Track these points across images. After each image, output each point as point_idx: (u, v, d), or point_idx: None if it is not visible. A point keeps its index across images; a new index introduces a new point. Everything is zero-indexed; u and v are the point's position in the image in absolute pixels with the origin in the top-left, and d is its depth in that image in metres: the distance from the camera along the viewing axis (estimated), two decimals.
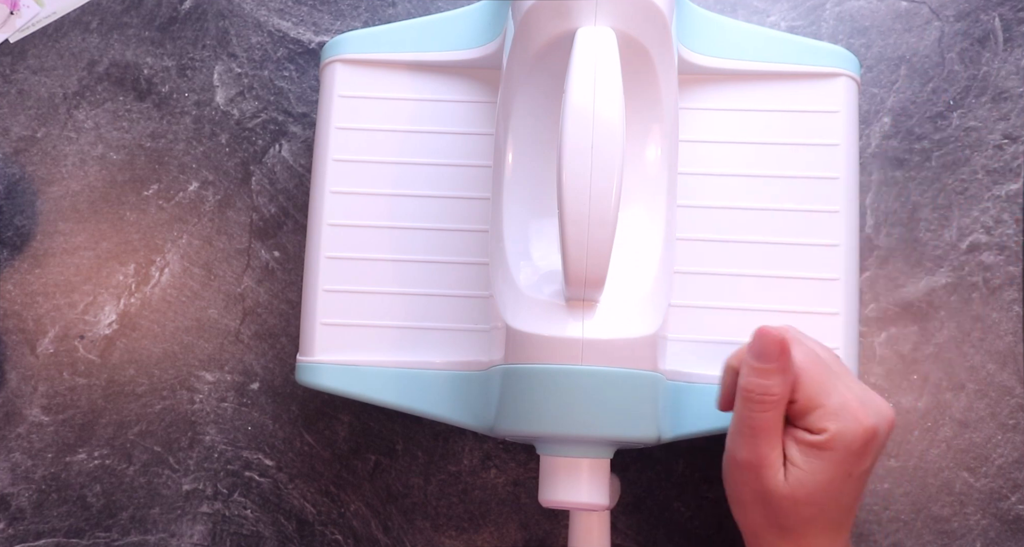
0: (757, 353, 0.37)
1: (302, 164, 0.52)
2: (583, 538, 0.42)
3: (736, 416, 0.38)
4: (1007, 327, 0.49)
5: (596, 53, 0.37)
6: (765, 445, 0.37)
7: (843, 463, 0.36)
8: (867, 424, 0.36)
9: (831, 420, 0.36)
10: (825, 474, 0.36)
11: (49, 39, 0.53)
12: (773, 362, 0.37)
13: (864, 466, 0.37)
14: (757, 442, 0.37)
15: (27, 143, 0.52)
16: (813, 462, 0.36)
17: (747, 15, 0.52)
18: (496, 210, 0.42)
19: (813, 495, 0.37)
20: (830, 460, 0.36)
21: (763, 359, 0.37)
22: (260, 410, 0.49)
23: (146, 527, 0.49)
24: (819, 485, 0.36)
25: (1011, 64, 0.51)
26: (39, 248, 0.51)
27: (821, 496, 0.37)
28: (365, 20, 0.53)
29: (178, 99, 0.52)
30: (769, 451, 0.37)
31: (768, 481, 0.37)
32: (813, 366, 0.37)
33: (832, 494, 0.37)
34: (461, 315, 0.44)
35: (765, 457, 0.37)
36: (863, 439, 0.36)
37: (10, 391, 0.50)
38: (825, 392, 0.37)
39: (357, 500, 0.49)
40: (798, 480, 0.37)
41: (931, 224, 0.50)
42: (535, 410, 0.38)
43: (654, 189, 0.41)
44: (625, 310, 0.39)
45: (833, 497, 0.37)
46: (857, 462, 0.37)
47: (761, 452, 0.37)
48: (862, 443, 0.36)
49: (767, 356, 0.37)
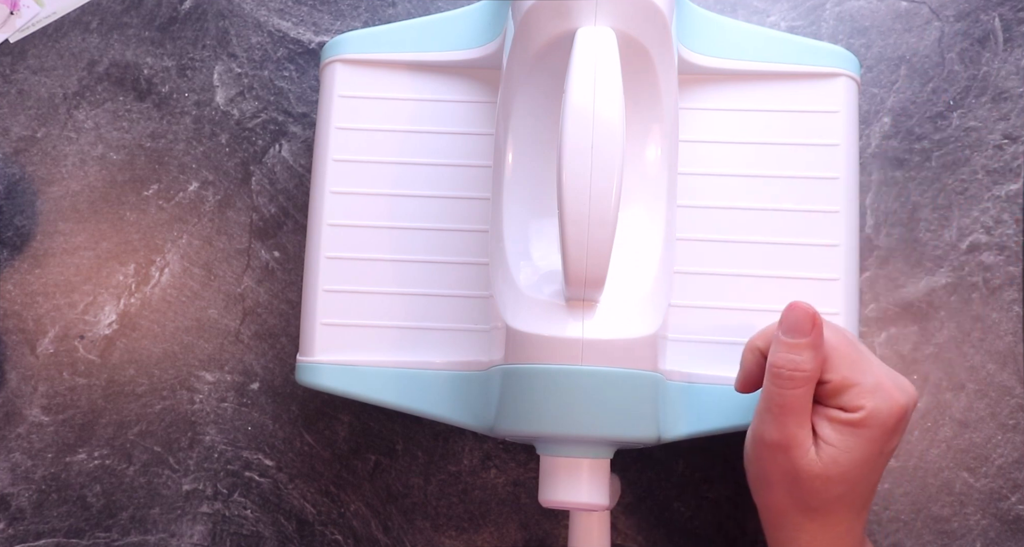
0: (789, 327, 0.37)
1: (302, 164, 0.52)
2: (583, 538, 0.42)
3: (764, 396, 0.38)
4: (1007, 327, 0.49)
5: (596, 53, 0.37)
6: (795, 425, 0.37)
7: (877, 441, 0.37)
8: (901, 402, 0.37)
9: (867, 398, 0.36)
10: (860, 451, 0.37)
11: (49, 39, 0.53)
12: (805, 336, 0.37)
13: (894, 443, 0.38)
14: (787, 421, 0.37)
15: (27, 143, 0.52)
16: (848, 440, 0.37)
17: (747, 15, 0.52)
18: (496, 210, 0.42)
19: (846, 473, 0.37)
20: (866, 438, 0.36)
21: (795, 333, 0.37)
22: (260, 410, 0.49)
23: (146, 527, 0.49)
24: (853, 463, 0.37)
25: (1011, 64, 0.51)
26: (39, 248, 0.51)
27: (854, 474, 0.37)
28: (365, 20, 0.53)
29: (178, 99, 0.52)
30: (798, 430, 0.37)
31: (799, 460, 0.37)
32: (845, 345, 0.37)
33: (865, 472, 0.37)
34: (461, 315, 0.44)
35: (794, 436, 0.37)
36: (898, 416, 0.37)
37: (10, 391, 0.50)
38: (860, 370, 0.37)
39: (357, 500, 0.49)
40: (832, 458, 0.37)
41: (931, 224, 0.50)
42: (535, 410, 0.38)
43: (654, 189, 0.41)
44: (625, 310, 0.39)
45: (865, 475, 0.37)
46: (889, 440, 0.37)
47: (790, 432, 0.37)
48: (896, 420, 0.37)
49: (800, 330, 0.37)
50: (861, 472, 0.37)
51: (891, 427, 0.37)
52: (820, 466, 0.37)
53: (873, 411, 0.36)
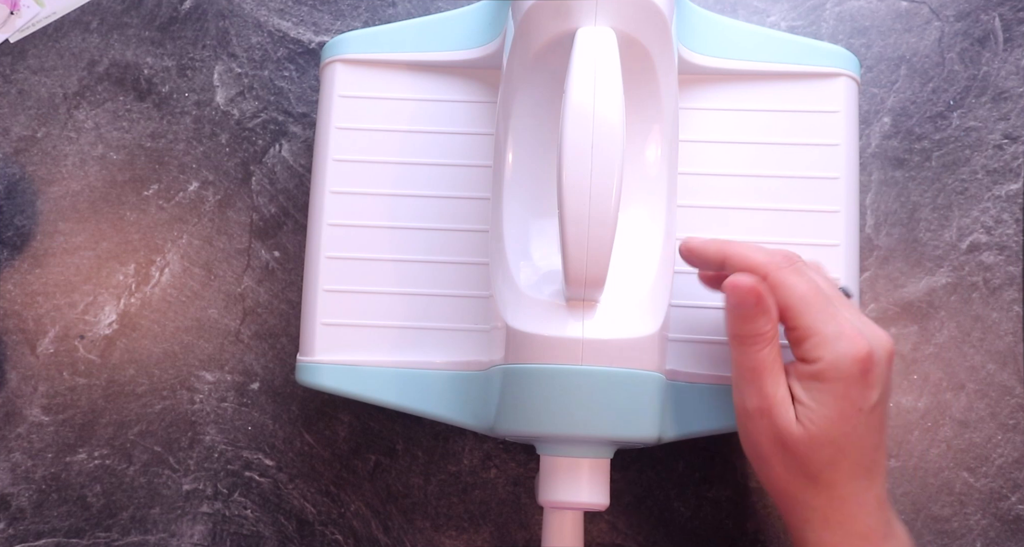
0: (734, 308, 0.37)
1: (302, 164, 0.52)
2: (556, 537, 0.41)
3: (734, 364, 0.38)
4: (1007, 327, 0.49)
5: (596, 53, 0.37)
6: (770, 384, 0.37)
7: (846, 394, 0.36)
8: (861, 350, 0.36)
9: (825, 348, 0.36)
10: (831, 407, 0.36)
11: (49, 39, 0.53)
12: (751, 308, 0.37)
13: (870, 398, 0.36)
14: (762, 383, 0.37)
15: (27, 143, 0.52)
16: (816, 395, 0.36)
17: (747, 15, 0.52)
18: (496, 210, 0.42)
19: (827, 432, 0.36)
20: (831, 392, 0.36)
21: (742, 311, 0.37)
22: (260, 410, 0.49)
23: (146, 527, 0.49)
24: (829, 421, 0.36)
25: (1011, 64, 0.51)
26: (39, 248, 0.51)
27: (836, 433, 0.36)
28: (365, 20, 0.53)
29: (178, 99, 0.52)
30: (775, 390, 0.37)
31: (781, 422, 0.36)
32: (813, 296, 0.37)
33: (847, 431, 0.36)
34: (461, 315, 0.44)
35: (772, 396, 0.37)
36: (859, 366, 0.36)
37: (10, 391, 0.50)
38: (821, 320, 0.36)
39: (357, 500, 0.49)
40: (808, 418, 0.36)
41: (931, 224, 0.50)
42: (535, 410, 0.38)
43: (654, 189, 0.41)
44: (625, 310, 0.39)
45: (848, 434, 0.36)
46: (861, 393, 0.36)
47: (767, 392, 0.37)
48: (859, 370, 0.36)
49: (745, 312, 0.37)
50: (842, 431, 0.36)
51: (854, 378, 0.36)
52: (801, 428, 0.36)
53: (832, 361, 0.36)
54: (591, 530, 0.48)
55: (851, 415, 0.36)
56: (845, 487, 0.37)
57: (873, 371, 0.36)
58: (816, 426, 0.36)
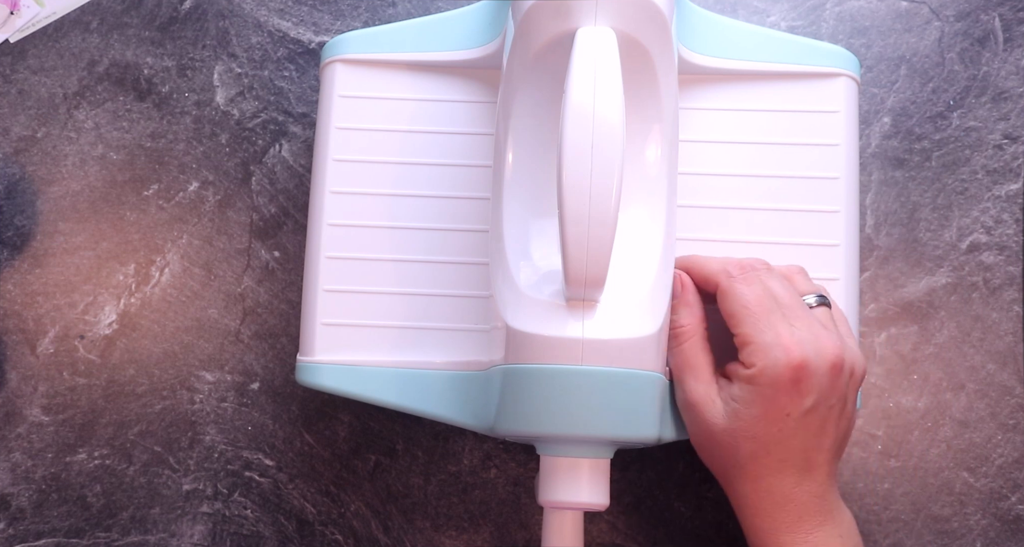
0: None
1: (302, 164, 0.52)
2: (556, 536, 0.41)
3: (670, 360, 0.41)
4: (1007, 327, 0.49)
5: (596, 53, 0.37)
6: (693, 379, 0.40)
7: (774, 398, 0.37)
8: (794, 359, 0.37)
9: (760, 355, 0.38)
10: (759, 408, 0.38)
11: (49, 39, 0.53)
12: (676, 297, 0.41)
13: (800, 405, 0.37)
14: (685, 378, 0.40)
15: (27, 143, 0.52)
16: (747, 395, 0.38)
17: (747, 15, 0.52)
18: (496, 210, 0.42)
19: (750, 429, 0.38)
20: (760, 394, 0.38)
21: (672, 296, 0.41)
22: (260, 410, 0.49)
23: (146, 527, 0.49)
24: (755, 419, 0.38)
25: (1011, 64, 0.51)
26: (39, 248, 0.51)
27: (758, 431, 0.38)
28: (365, 20, 0.53)
29: (178, 99, 0.52)
30: (697, 385, 0.39)
31: (706, 415, 0.39)
32: (756, 305, 0.39)
33: (772, 431, 0.38)
34: (461, 315, 0.44)
35: (694, 391, 0.39)
36: (791, 374, 0.37)
37: (10, 391, 0.50)
38: (759, 330, 0.38)
39: (357, 500, 0.49)
40: (734, 413, 0.38)
41: (931, 224, 0.50)
42: (535, 410, 0.38)
43: (654, 189, 0.41)
44: (625, 310, 0.39)
45: (774, 435, 0.38)
46: (791, 399, 0.37)
47: (689, 387, 0.40)
48: (790, 379, 0.37)
49: (672, 293, 0.41)
50: (768, 431, 0.38)
51: (784, 385, 0.37)
52: (725, 421, 0.38)
53: (763, 368, 0.37)
54: (591, 530, 0.48)
55: (777, 419, 0.38)
56: (770, 480, 0.38)
57: (806, 380, 0.37)
58: (741, 422, 0.38)
